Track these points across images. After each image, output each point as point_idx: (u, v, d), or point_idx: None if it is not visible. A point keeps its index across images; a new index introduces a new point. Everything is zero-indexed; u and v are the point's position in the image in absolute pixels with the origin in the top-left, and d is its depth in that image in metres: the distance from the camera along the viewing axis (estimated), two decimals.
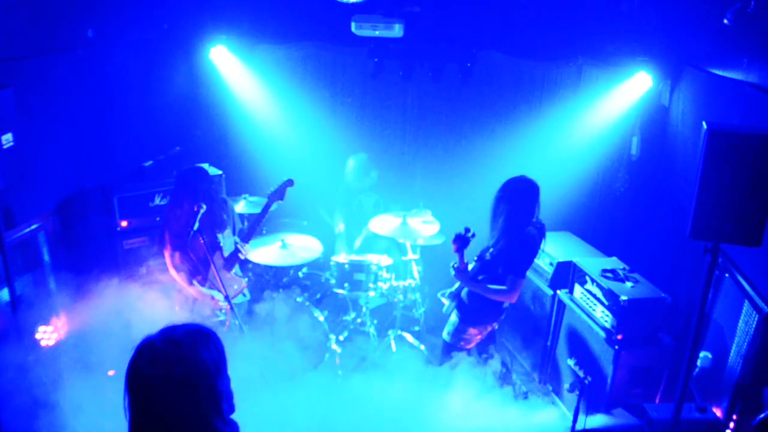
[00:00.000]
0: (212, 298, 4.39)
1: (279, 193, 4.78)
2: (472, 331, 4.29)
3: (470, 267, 4.30)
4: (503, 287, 4.10)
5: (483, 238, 4.36)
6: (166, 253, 4.38)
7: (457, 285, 4.42)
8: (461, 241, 4.22)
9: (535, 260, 5.20)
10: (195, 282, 4.42)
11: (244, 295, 4.69)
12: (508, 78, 6.32)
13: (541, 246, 4.21)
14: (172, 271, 4.38)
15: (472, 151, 6.51)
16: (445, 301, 4.47)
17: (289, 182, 4.84)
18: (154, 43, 5.75)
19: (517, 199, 4.15)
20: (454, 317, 4.38)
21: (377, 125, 6.71)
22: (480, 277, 4.23)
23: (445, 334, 4.41)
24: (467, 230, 4.27)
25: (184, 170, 4.46)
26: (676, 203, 4.67)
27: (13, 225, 4.16)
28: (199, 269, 4.44)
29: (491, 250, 4.22)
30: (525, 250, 4.11)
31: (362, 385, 4.41)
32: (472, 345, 4.38)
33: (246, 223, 5.84)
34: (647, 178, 5.37)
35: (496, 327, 4.44)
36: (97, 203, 5.12)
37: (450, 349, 4.39)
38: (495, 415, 4.10)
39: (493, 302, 4.21)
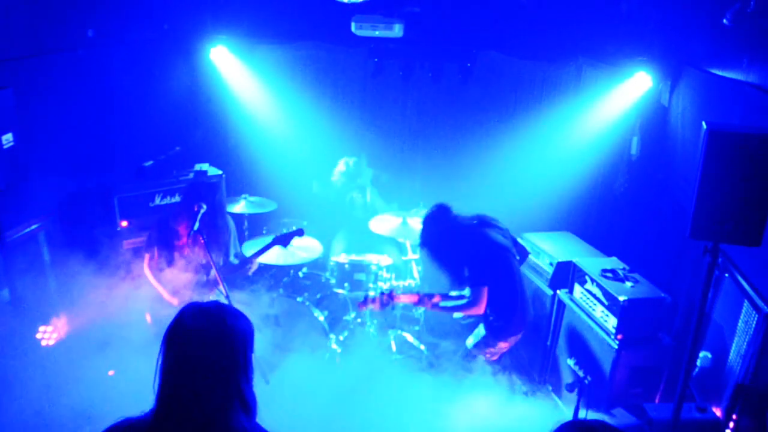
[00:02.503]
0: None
1: (285, 240, 4.74)
2: (501, 344, 4.29)
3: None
4: (465, 300, 4.15)
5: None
6: (146, 256, 4.41)
7: None
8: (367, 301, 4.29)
9: (535, 260, 5.21)
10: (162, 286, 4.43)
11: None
12: (507, 78, 6.33)
13: (513, 245, 4.23)
14: (146, 271, 4.41)
15: (472, 151, 6.51)
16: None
17: (299, 232, 4.83)
18: (154, 43, 5.75)
19: (439, 235, 4.21)
20: (481, 329, 4.35)
21: (377, 125, 6.71)
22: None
23: (470, 343, 4.39)
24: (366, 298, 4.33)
25: (194, 183, 4.49)
26: (676, 203, 4.67)
27: (13, 225, 4.16)
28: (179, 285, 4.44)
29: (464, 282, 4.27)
30: (481, 258, 4.15)
31: (362, 384, 4.41)
32: (497, 357, 4.38)
33: (246, 223, 5.86)
34: (647, 178, 5.37)
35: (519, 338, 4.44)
36: (97, 203, 5.12)
37: (471, 358, 4.37)
38: (494, 415, 4.10)
39: (520, 312, 4.22)
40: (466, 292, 4.21)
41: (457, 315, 4.21)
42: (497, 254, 4.19)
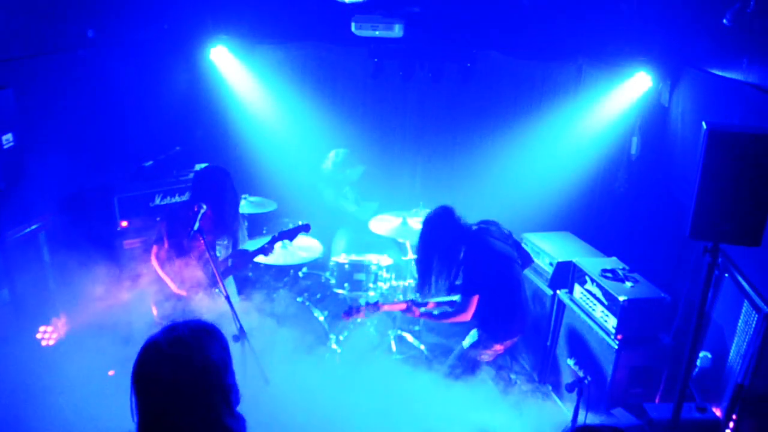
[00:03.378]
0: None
1: (290, 235, 4.67)
2: (497, 347, 4.29)
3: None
4: (451, 309, 4.17)
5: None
6: (154, 247, 4.40)
7: None
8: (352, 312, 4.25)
9: (535, 260, 5.21)
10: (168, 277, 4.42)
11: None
12: (507, 78, 6.33)
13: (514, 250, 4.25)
14: (153, 261, 4.39)
15: (472, 151, 6.51)
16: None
17: (306, 227, 4.77)
18: (155, 43, 5.75)
19: (438, 238, 4.17)
20: (475, 333, 4.36)
21: (377, 125, 6.72)
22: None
23: (466, 344, 4.39)
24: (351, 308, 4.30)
25: (203, 169, 4.43)
26: (676, 203, 4.67)
27: (13, 225, 4.16)
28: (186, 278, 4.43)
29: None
30: (474, 265, 4.14)
31: (362, 384, 4.41)
32: (492, 358, 4.38)
33: (246, 223, 5.85)
34: (647, 178, 5.37)
35: (516, 341, 4.43)
36: (97, 203, 5.12)
37: (467, 358, 4.37)
38: (494, 415, 4.10)
39: (518, 315, 4.22)
40: (456, 298, 4.21)
41: (448, 320, 4.20)
42: (495, 263, 4.18)
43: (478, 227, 4.32)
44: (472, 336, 4.36)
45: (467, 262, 4.13)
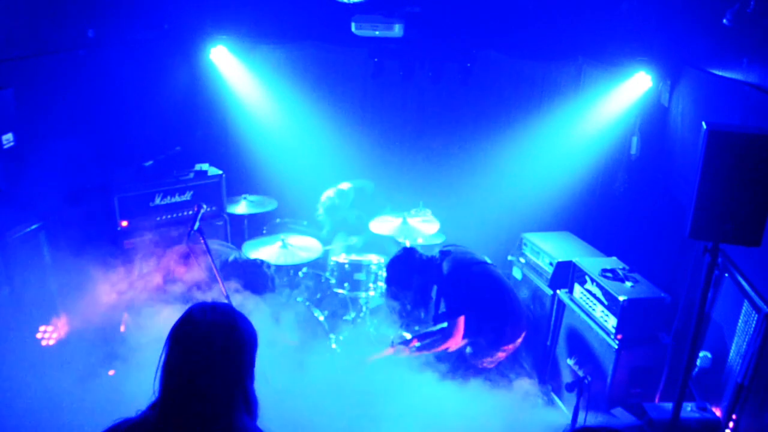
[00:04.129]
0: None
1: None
2: (499, 354, 4.30)
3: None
4: (439, 336, 4.25)
5: (484, 236, 4.39)
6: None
7: None
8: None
9: (535, 260, 5.21)
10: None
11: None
12: (507, 78, 6.33)
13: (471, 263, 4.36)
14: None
15: (472, 151, 6.51)
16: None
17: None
18: (155, 43, 5.76)
19: (402, 274, 4.40)
20: (470, 347, 4.38)
21: (377, 125, 6.71)
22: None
23: (469, 351, 4.40)
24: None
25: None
26: (676, 203, 4.67)
27: (13, 225, 4.16)
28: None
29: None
30: (447, 288, 4.27)
31: (362, 384, 4.41)
32: (495, 364, 4.39)
33: (246, 223, 5.85)
34: (647, 178, 5.37)
35: (518, 344, 4.44)
36: (97, 203, 5.12)
37: (468, 363, 4.38)
38: (494, 415, 4.10)
39: (511, 317, 4.23)
40: (444, 325, 4.26)
41: (439, 348, 4.27)
42: (467, 275, 4.24)
43: (440, 253, 4.40)
44: (475, 343, 4.38)
45: (443, 289, 4.19)
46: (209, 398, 1.78)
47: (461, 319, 4.08)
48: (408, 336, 4.52)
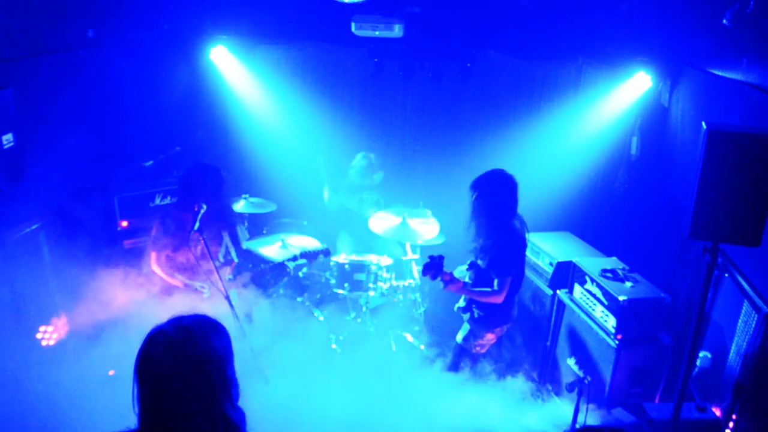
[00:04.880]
0: (195, 289, 4.44)
1: (311, 256, 5.00)
2: (488, 336, 4.30)
3: (466, 278, 4.30)
4: (489, 289, 4.12)
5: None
6: (153, 254, 4.42)
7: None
8: (434, 268, 4.10)
9: (535, 260, 5.21)
10: (177, 275, 4.47)
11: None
12: (507, 78, 6.33)
13: (528, 239, 4.26)
14: (155, 268, 4.43)
15: (472, 151, 6.51)
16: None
17: (326, 252, 5.05)
18: (155, 43, 5.76)
19: (497, 194, 4.15)
20: (467, 324, 4.37)
21: (377, 125, 6.71)
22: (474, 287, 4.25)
23: (459, 338, 4.41)
24: (435, 258, 4.13)
25: (193, 167, 4.47)
26: (676, 203, 4.67)
27: (13, 225, 4.16)
28: (193, 269, 4.46)
29: (480, 256, 4.21)
30: (510, 248, 4.12)
31: (362, 384, 4.41)
32: (486, 349, 4.39)
33: (246, 223, 5.86)
34: (647, 178, 5.37)
35: (506, 329, 4.43)
36: (97, 203, 5.12)
37: (463, 353, 4.38)
38: (494, 414, 4.10)
39: (512, 302, 4.23)
40: (493, 283, 4.17)
41: (481, 298, 4.16)
42: (523, 249, 4.22)
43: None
44: (464, 329, 4.39)
45: (504, 242, 4.10)
46: (188, 423, 1.76)
47: (509, 280, 4.08)
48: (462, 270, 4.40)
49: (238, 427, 1.86)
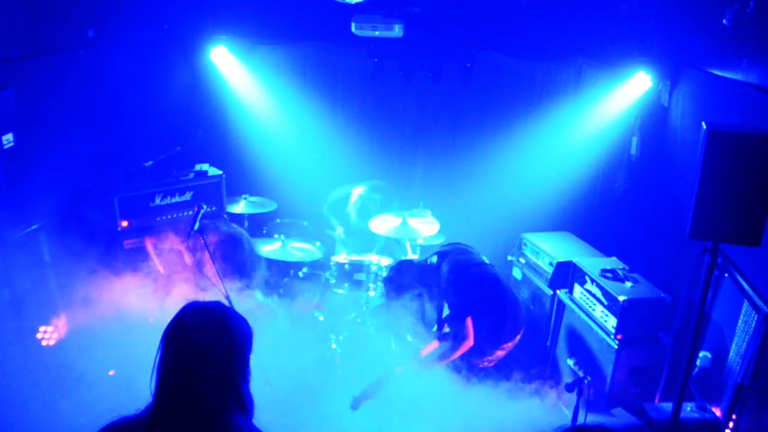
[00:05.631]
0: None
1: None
2: (498, 353, 4.31)
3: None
4: (451, 343, 4.26)
5: (484, 236, 4.35)
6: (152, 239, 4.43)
7: None
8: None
9: (535, 260, 5.21)
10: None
11: None
12: (507, 78, 6.33)
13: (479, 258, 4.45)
14: (150, 247, 4.46)
15: (471, 151, 6.51)
16: None
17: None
18: (155, 43, 5.76)
19: (407, 287, 4.43)
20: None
21: (377, 125, 6.71)
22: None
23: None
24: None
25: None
26: (676, 203, 4.67)
27: (13, 225, 4.16)
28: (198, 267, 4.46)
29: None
30: (449, 294, 4.28)
31: (362, 384, 4.41)
32: (494, 363, 4.39)
33: (246, 223, 5.86)
34: (647, 178, 5.37)
35: (518, 340, 4.45)
36: (97, 203, 5.11)
37: (469, 366, 4.38)
38: (494, 415, 4.10)
39: (509, 317, 4.24)
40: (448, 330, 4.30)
41: (455, 356, 4.26)
42: (466, 276, 4.23)
43: (437, 254, 4.40)
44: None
45: (444, 292, 4.19)
46: (203, 398, 1.79)
47: (469, 320, 4.09)
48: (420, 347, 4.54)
49: (248, 407, 1.89)
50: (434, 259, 4.44)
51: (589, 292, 4.54)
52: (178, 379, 1.80)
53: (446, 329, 4.46)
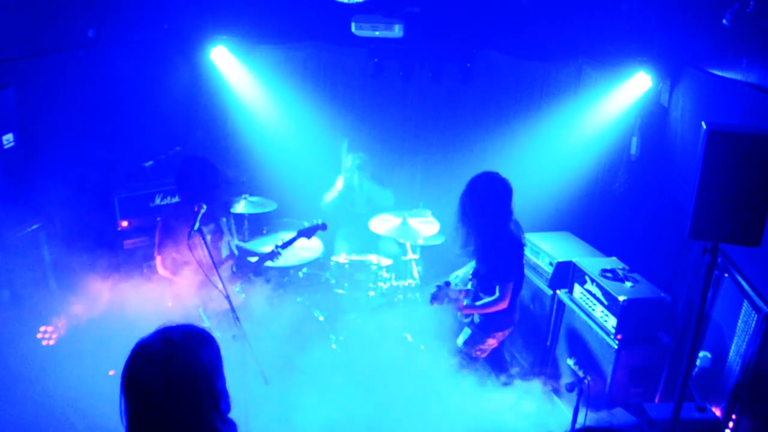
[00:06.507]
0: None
1: (309, 233, 4.95)
2: (490, 341, 4.30)
3: (469, 285, 4.33)
4: (493, 297, 4.13)
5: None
6: (158, 258, 4.41)
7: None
8: (441, 296, 4.16)
9: (535, 260, 5.21)
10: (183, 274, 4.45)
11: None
12: (507, 78, 6.33)
13: (526, 240, 4.26)
14: (162, 271, 4.42)
15: (472, 151, 6.51)
16: None
17: (323, 226, 4.97)
18: (155, 43, 5.76)
19: (493, 198, 4.07)
20: (468, 328, 4.38)
21: (377, 125, 6.71)
22: (481, 296, 4.26)
23: (460, 342, 4.40)
24: (442, 286, 4.19)
25: (185, 162, 4.43)
26: (676, 203, 4.67)
27: (13, 225, 4.16)
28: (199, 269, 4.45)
29: (480, 263, 4.22)
30: (509, 253, 4.09)
31: (362, 384, 4.42)
32: (487, 353, 4.39)
33: (246, 223, 5.86)
34: (647, 178, 5.37)
35: (508, 333, 4.44)
36: (97, 203, 5.12)
37: (464, 357, 4.39)
38: (494, 415, 4.10)
39: (515, 307, 4.23)
40: (493, 292, 4.19)
41: (488, 310, 4.16)
42: (521, 253, 4.22)
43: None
44: (465, 333, 4.38)
45: (503, 248, 4.07)
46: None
47: (511, 285, 4.07)
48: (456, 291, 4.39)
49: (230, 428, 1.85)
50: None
51: (589, 292, 4.54)
52: (146, 424, 1.75)
53: (469, 285, 4.39)
